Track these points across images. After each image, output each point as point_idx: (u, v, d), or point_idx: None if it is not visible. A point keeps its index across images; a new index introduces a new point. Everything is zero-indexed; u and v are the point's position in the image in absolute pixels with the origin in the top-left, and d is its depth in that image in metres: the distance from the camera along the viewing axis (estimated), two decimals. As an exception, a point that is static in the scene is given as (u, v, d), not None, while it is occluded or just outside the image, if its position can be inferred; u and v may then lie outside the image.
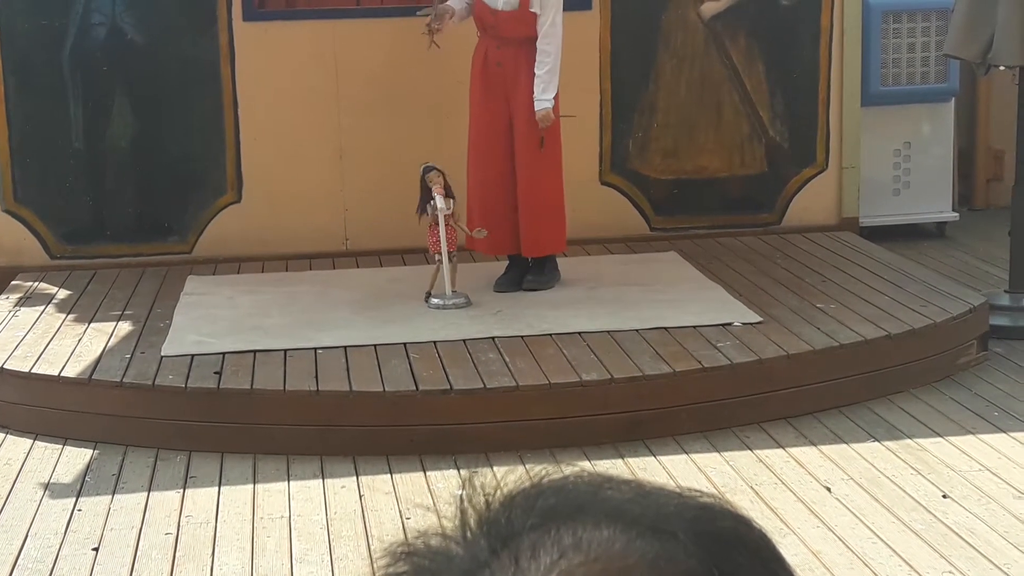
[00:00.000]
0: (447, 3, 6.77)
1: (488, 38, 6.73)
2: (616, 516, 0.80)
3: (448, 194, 6.53)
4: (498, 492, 0.83)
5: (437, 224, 6.53)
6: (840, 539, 4.70)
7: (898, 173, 8.56)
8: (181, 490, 5.26)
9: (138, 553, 4.74)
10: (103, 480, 5.37)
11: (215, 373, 5.81)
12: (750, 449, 5.52)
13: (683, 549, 0.79)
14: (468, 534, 0.81)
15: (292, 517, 5.00)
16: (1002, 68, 7.03)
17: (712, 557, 0.80)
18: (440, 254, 6.54)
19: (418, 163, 6.69)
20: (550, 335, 6.17)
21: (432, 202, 6.52)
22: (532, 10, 6.58)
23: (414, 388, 5.62)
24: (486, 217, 6.79)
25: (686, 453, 5.49)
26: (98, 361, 6.01)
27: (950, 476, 5.22)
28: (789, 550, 4.57)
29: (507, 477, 0.86)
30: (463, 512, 0.82)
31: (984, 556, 4.55)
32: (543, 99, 6.55)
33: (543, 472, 0.85)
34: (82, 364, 5.99)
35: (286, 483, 5.31)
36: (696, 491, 0.84)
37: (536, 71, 6.57)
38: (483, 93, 6.74)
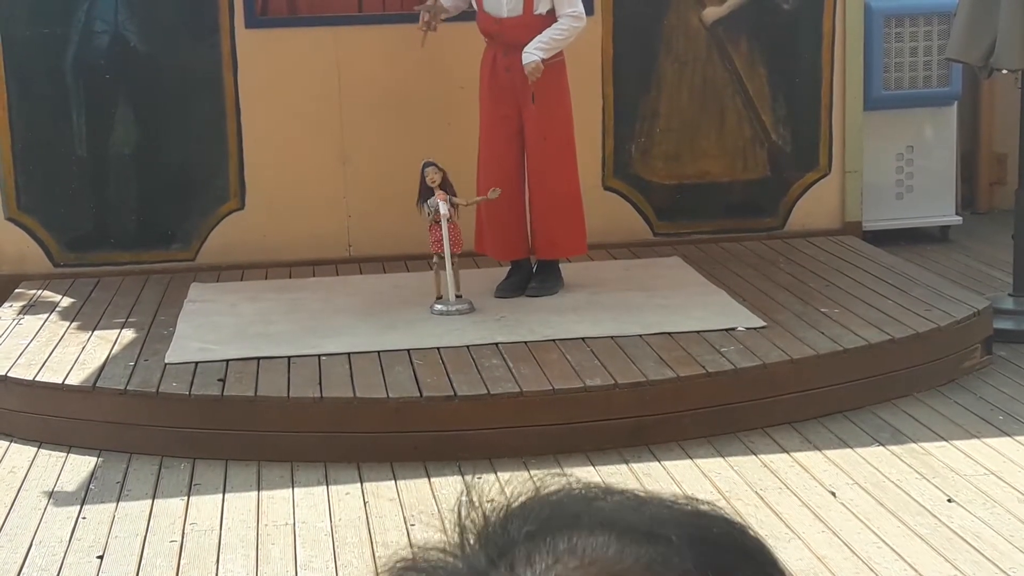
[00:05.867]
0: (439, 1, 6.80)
1: (495, 44, 6.73)
2: (611, 524, 0.81)
3: (447, 189, 6.53)
4: (496, 503, 0.83)
5: (436, 224, 6.54)
6: (845, 544, 4.69)
7: (901, 177, 8.56)
8: (185, 497, 5.27)
9: (143, 561, 4.74)
10: (107, 488, 5.37)
11: (219, 380, 5.81)
12: (754, 454, 5.52)
13: (677, 553, 0.80)
14: (466, 546, 0.81)
15: (296, 524, 5.00)
16: (1004, 71, 7.03)
17: (707, 561, 0.80)
18: (439, 254, 6.56)
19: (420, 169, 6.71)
20: (553, 341, 6.17)
21: (431, 201, 6.52)
22: (537, 13, 6.59)
23: (418, 394, 5.62)
24: (496, 221, 6.80)
25: (690, 458, 5.49)
26: (102, 369, 6.02)
27: (955, 480, 5.21)
28: (794, 555, 4.57)
29: (506, 485, 0.86)
30: (461, 524, 0.82)
31: (989, 560, 4.54)
32: (533, 52, 6.50)
33: (540, 482, 0.85)
34: (86, 372, 5.99)
35: (290, 490, 5.31)
36: (693, 498, 0.84)
37: (546, 31, 6.52)
38: (492, 98, 6.75)
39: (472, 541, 0.82)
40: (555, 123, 6.71)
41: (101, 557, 4.78)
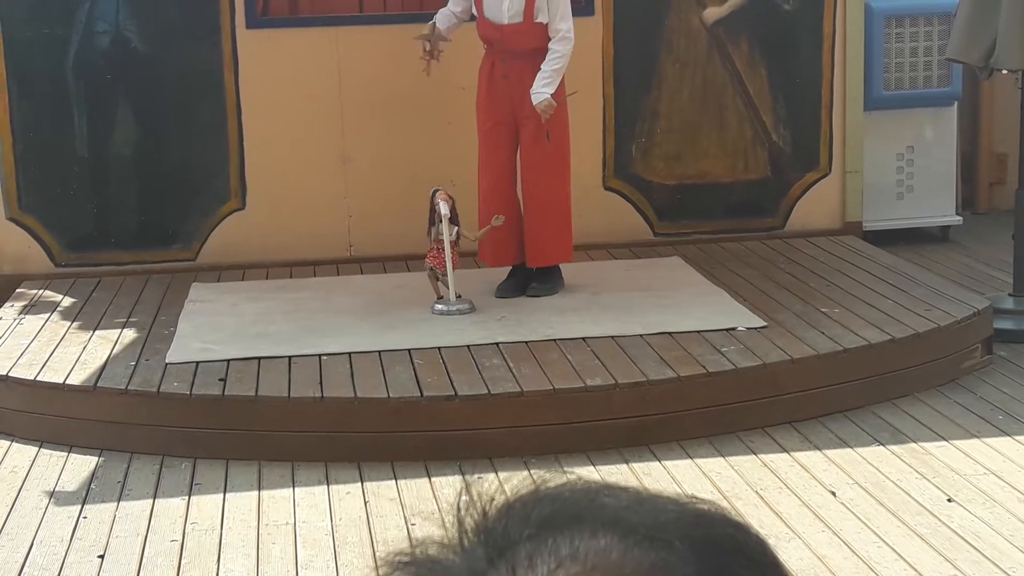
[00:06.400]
0: (437, 27, 6.81)
1: (494, 51, 6.74)
2: (613, 524, 0.81)
3: (453, 220, 6.53)
4: (495, 500, 0.83)
5: (438, 248, 6.54)
6: (845, 543, 4.70)
7: (901, 177, 8.56)
8: (186, 497, 5.27)
9: (144, 560, 4.75)
10: (108, 487, 5.38)
11: (220, 380, 5.81)
12: (755, 454, 5.52)
13: (680, 557, 0.80)
14: (466, 543, 0.81)
15: (297, 524, 5.00)
16: (1004, 72, 7.04)
17: (709, 565, 0.80)
18: (434, 268, 6.57)
19: (422, 169, 6.71)
20: (554, 341, 6.17)
21: (438, 226, 6.52)
22: (538, 21, 6.60)
23: (419, 394, 5.62)
24: (494, 227, 6.80)
25: (691, 458, 5.50)
26: (103, 369, 6.02)
27: (955, 480, 5.22)
28: (794, 555, 4.58)
29: (506, 484, 0.86)
30: (460, 521, 0.82)
31: (989, 560, 4.55)
32: (542, 91, 6.54)
33: (540, 480, 0.85)
34: (87, 372, 6.00)
35: (291, 490, 5.31)
36: (693, 498, 0.85)
37: (543, 66, 6.57)
38: (489, 105, 6.76)
39: (471, 537, 0.82)
40: (551, 124, 6.69)
41: (102, 556, 4.78)
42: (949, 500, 5.03)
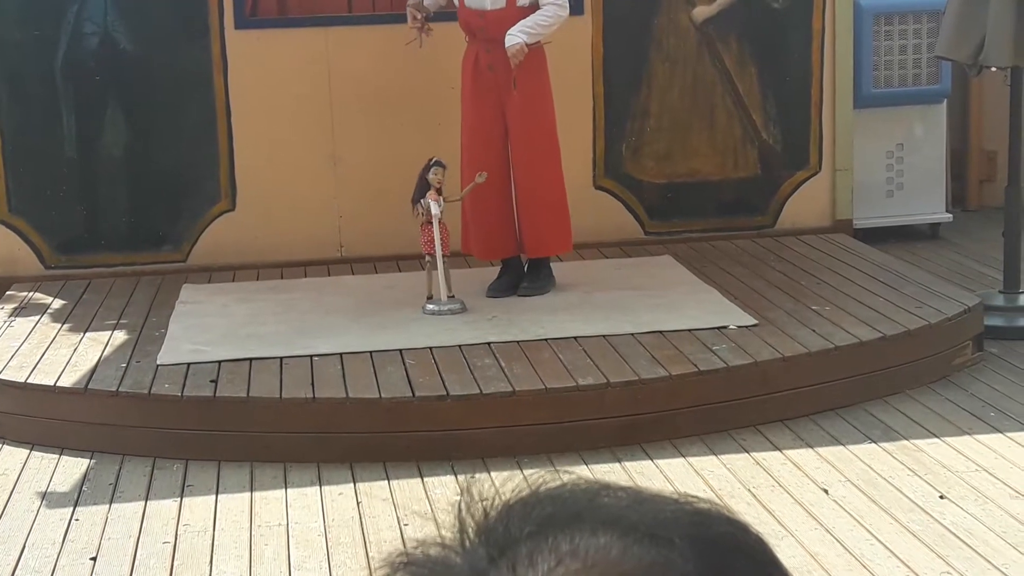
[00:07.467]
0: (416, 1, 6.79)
1: (477, 42, 6.71)
2: (613, 523, 0.81)
3: (439, 190, 6.53)
4: (496, 500, 0.84)
5: (428, 224, 6.54)
6: (838, 541, 4.70)
7: (891, 175, 8.57)
8: (178, 499, 5.26)
9: (136, 562, 4.74)
10: (100, 489, 5.37)
11: (211, 381, 5.81)
12: (747, 452, 5.52)
13: (680, 555, 0.80)
14: (466, 543, 0.82)
15: (290, 525, 5.00)
16: (993, 69, 7.04)
17: (709, 563, 0.80)
18: (431, 255, 6.56)
19: (413, 169, 6.70)
20: (546, 340, 6.17)
21: (423, 201, 6.52)
22: (520, 4, 6.56)
23: (410, 394, 5.62)
24: (481, 221, 6.80)
25: (683, 457, 5.50)
26: (94, 370, 6.01)
27: (947, 477, 5.23)
28: (787, 552, 4.58)
29: (505, 484, 0.86)
30: (461, 521, 0.82)
31: (982, 556, 4.55)
32: (517, 35, 6.44)
33: (540, 480, 0.85)
34: (78, 373, 5.99)
35: (283, 491, 5.31)
36: (693, 497, 0.85)
37: (529, 17, 6.47)
38: (475, 97, 6.73)
39: (472, 536, 0.82)
40: (538, 114, 6.67)
41: (94, 559, 4.78)
42: (941, 497, 5.04)
